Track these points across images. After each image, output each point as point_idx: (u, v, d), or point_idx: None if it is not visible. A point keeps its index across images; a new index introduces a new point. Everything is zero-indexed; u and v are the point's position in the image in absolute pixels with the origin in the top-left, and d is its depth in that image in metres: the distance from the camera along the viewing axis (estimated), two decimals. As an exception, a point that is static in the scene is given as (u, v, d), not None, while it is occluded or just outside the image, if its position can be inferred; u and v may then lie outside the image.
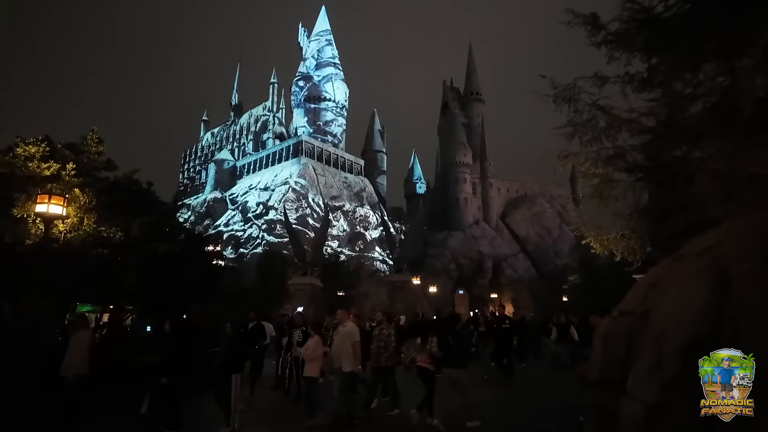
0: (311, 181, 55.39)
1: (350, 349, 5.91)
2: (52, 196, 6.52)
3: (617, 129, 6.79)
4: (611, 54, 6.49)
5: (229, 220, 56.15)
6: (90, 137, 8.25)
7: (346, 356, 5.86)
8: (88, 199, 7.13)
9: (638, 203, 7.09)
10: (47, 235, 6.34)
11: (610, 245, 7.60)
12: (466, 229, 61.72)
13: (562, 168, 7.34)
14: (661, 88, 6.44)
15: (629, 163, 6.79)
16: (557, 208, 69.07)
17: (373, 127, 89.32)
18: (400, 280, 22.50)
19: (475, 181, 66.92)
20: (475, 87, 76.86)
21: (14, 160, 7.07)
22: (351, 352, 5.86)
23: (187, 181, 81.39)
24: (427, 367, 6.83)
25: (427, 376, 6.83)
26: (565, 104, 6.80)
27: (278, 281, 29.55)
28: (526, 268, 60.25)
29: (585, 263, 39.22)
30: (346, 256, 42.04)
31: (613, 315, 2.81)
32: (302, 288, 20.92)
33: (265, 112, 75.89)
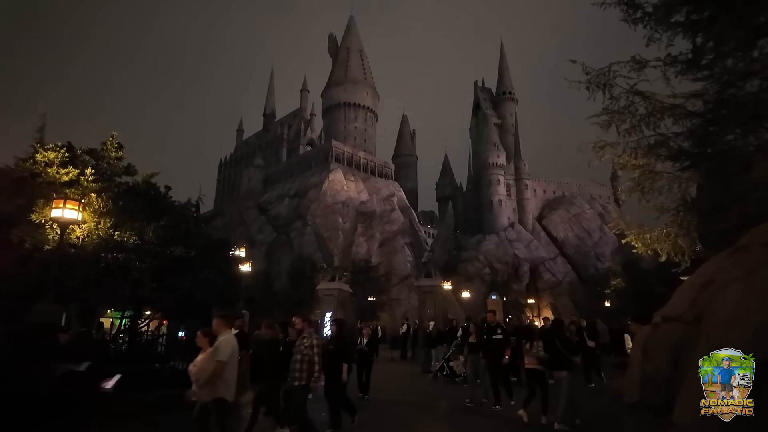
0: (341, 186, 55.64)
1: (210, 371, 4.44)
2: (67, 200, 6.54)
3: (659, 116, 6.19)
4: (651, 35, 5.92)
5: (262, 227, 57.17)
6: (110, 143, 8.34)
7: (208, 380, 4.47)
8: (104, 203, 7.14)
9: (685, 196, 6.38)
10: (62, 240, 6.33)
11: (654, 244, 6.85)
12: (501, 232, 60.28)
13: (598, 161, 6.70)
14: (708, 69, 5.78)
15: (673, 151, 6.12)
16: (598, 209, 66.38)
17: (403, 130, 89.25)
18: (429, 285, 21.92)
19: (510, 183, 65.37)
20: (507, 86, 75.46)
21: (34, 166, 7.19)
22: (211, 375, 4.45)
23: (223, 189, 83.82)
24: (538, 368, 7.37)
25: (538, 376, 7.37)
26: (600, 91, 6.26)
27: (308, 286, 29.63)
28: (565, 272, 58.11)
29: (628, 266, 37.34)
30: (375, 260, 41.72)
31: (655, 321, 2.28)
32: (330, 293, 20.75)
33: (297, 119, 77.19)
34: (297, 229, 52.03)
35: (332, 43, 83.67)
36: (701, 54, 5.68)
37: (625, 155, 6.26)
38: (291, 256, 42.96)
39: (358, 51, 79.65)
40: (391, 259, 49.41)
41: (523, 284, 54.41)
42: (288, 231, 52.97)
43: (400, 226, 54.71)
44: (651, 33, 5.81)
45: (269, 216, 58.28)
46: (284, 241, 51.74)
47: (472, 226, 67.60)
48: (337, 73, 77.76)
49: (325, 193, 53.58)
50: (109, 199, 7.45)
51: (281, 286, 35.53)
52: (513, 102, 74.79)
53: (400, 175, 74.22)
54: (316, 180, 56.70)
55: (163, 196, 9.04)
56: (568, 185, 70.38)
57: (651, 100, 6.01)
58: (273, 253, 50.57)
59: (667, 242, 6.58)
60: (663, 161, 6.18)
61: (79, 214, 6.57)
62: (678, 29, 5.70)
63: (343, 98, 74.71)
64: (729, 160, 5.35)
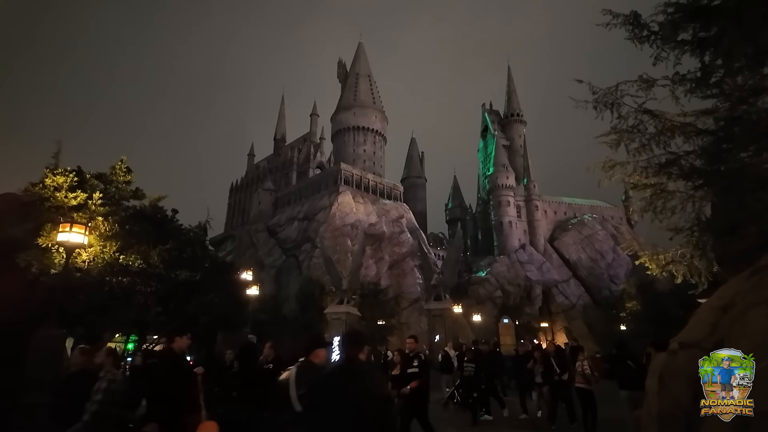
0: (350, 209, 55.75)
1: None
2: (74, 224, 6.55)
3: (669, 134, 6.09)
4: (657, 53, 5.89)
5: (271, 249, 57.23)
6: (119, 166, 8.42)
7: None
8: (110, 227, 7.16)
9: (699, 215, 6.19)
10: (68, 264, 6.32)
11: (669, 265, 6.63)
12: (512, 253, 59.54)
13: (608, 180, 6.58)
14: (718, 87, 5.70)
15: (685, 169, 5.98)
16: (610, 230, 65.44)
17: (412, 152, 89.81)
18: (440, 308, 21.56)
19: (520, 204, 64.97)
20: (515, 108, 75.99)
21: (43, 190, 7.27)
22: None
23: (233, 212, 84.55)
24: (586, 388, 7.56)
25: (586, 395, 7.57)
26: (607, 110, 6.20)
27: (317, 310, 29.35)
28: (579, 295, 56.94)
29: (644, 288, 36.50)
30: (385, 283, 41.34)
31: (672, 348, 2.12)
32: (339, 317, 20.50)
33: (306, 143, 78.23)
34: (306, 252, 51.96)
35: (341, 69, 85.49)
36: (710, 71, 5.61)
37: (635, 174, 6.14)
38: (300, 279, 42.78)
39: (366, 76, 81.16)
40: (401, 281, 48.94)
41: (536, 307, 53.34)
42: (297, 254, 52.92)
43: (409, 248, 54.37)
44: (658, 52, 5.77)
45: (278, 239, 58.41)
46: (293, 264, 51.64)
47: (482, 248, 66.94)
48: (346, 97, 79.13)
49: (333, 216, 53.68)
50: (116, 222, 7.46)
51: (290, 310, 35.24)
52: (521, 123, 75.15)
53: (408, 197, 74.30)
54: (324, 202, 56.93)
55: (169, 219, 9.02)
56: (579, 206, 69.76)
57: (660, 118, 5.92)
58: (282, 276, 50.45)
59: (683, 263, 6.37)
60: (675, 180, 6.05)
61: (85, 237, 6.57)
62: (685, 47, 5.65)
63: (352, 122, 75.76)
64: (744, 177, 5.20)
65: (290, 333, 28.77)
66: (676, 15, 5.51)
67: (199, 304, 7.59)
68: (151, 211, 8.54)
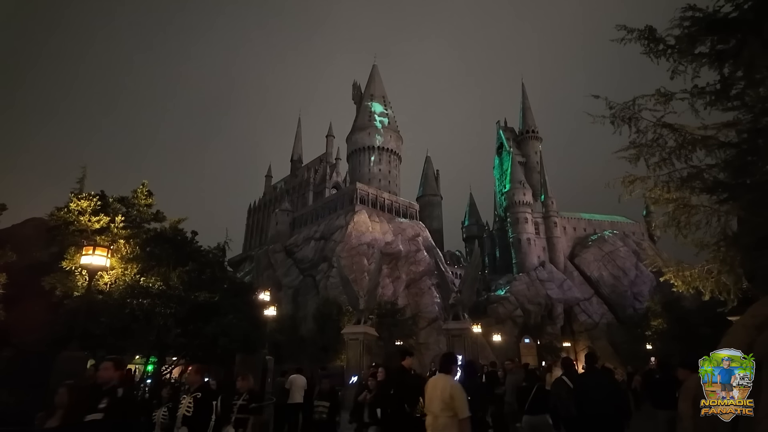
0: (366, 228, 55.82)
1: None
2: (97, 247, 6.71)
3: (690, 148, 5.96)
4: (675, 67, 5.81)
5: (288, 269, 57.45)
6: (140, 190, 8.66)
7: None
8: (131, 249, 7.32)
9: (726, 230, 5.99)
10: (90, 287, 6.44)
11: (695, 282, 6.40)
12: (531, 271, 58.49)
13: (628, 195, 6.45)
14: (739, 99, 5.60)
15: (709, 183, 5.83)
16: (632, 246, 63.92)
17: (427, 171, 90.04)
18: (458, 328, 21.08)
19: (538, 221, 64.13)
20: (530, 124, 75.83)
21: (68, 215, 7.50)
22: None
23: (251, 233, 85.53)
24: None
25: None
26: (625, 125, 6.13)
27: (335, 330, 29.18)
28: (602, 313, 55.36)
29: (669, 305, 35.35)
30: (402, 302, 40.93)
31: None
32: (356, 337, 20.23)
33: (323, 163, 79.21)
34: (323, 272, 51.97)
35: (356, 91, 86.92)
36: (730, 84, 5.52)
37: (656, 189, 6.00)
38: (317, 299, 42.71)
39: (381, 97, 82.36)
40: (418, 300, 48.40)
41: (558, 326, 51.99)
42: (314, 273, 52.96)
43: (426, 266, 53.91)
44: (675, 65, 5.70)
45: (296, 259, 58.64)
46: (310, 284, 51.64)
47: (500, 266, 65.98)
48: (362, 118, 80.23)
49: (350, 235, 53.74)
50: (137, 245, 7.64)
51: (307, 330, 35.11)
52: (536, 140, 74.80)
53: (424, 215, 74.13)
54: (341, 222, 57.14)
55: (189, 241, 9.20)
56: (599, 222, 68.49)
57: (680, 132, 5.81)
58: (299, 296, 50.46)
59: (710, 280, 6.15)
60: (698, 194, 5.90)
61: (107, 260, 6.71)
62: (703, 60, 5.58)
63: (367, 142, 76.58)
64: (771, 190, 5.04)
65: (308, 354, 28.59)
66: (693, 28, 5.46)
67: (218, 326, 7.64)
68: (171, 234, 8.75)
